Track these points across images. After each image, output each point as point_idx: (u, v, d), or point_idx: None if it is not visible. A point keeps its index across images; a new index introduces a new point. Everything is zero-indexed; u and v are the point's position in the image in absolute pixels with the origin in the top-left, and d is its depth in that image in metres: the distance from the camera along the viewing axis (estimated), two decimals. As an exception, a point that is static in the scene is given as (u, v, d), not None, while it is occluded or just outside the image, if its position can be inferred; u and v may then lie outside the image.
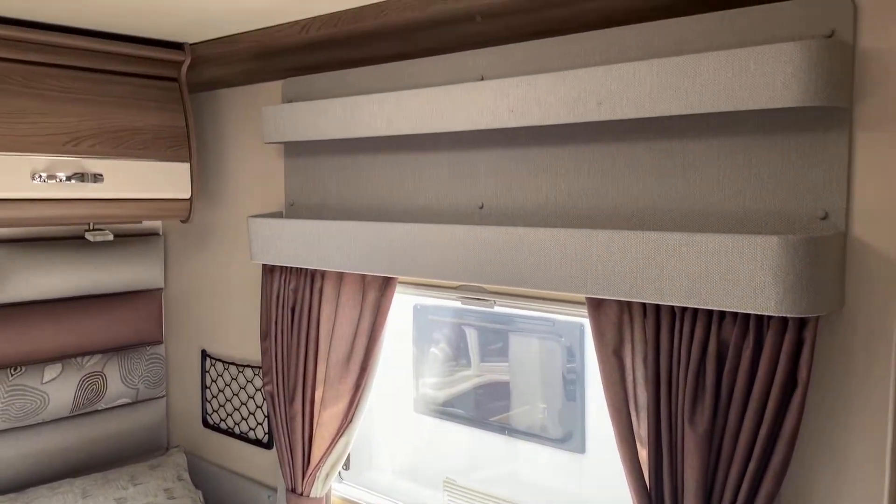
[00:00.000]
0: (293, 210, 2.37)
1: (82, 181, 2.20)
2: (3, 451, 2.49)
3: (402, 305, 2.29)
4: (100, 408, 2.73)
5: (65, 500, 2.37)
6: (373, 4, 1.92)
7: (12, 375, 2.49)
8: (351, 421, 2.16)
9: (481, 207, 1.90)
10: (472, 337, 2.25)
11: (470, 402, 2.27)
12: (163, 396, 2.95)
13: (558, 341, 2.04)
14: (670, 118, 1.55)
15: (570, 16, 1.68)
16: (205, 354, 2.80)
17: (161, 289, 2.91)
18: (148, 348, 2.87)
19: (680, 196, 1.56)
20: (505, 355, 2.20)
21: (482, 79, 1.87)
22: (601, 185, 1.68)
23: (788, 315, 1.29)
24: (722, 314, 1.42)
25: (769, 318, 1.35)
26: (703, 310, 1.43)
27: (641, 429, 1.55)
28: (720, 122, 1.50)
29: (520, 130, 1.80)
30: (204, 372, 2.81)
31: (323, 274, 2.15)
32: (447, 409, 2.30)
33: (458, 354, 2.29)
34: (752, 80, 1.34)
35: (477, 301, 2.01)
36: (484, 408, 2.24)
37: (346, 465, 2.43)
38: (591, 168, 1.69)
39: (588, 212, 1.70)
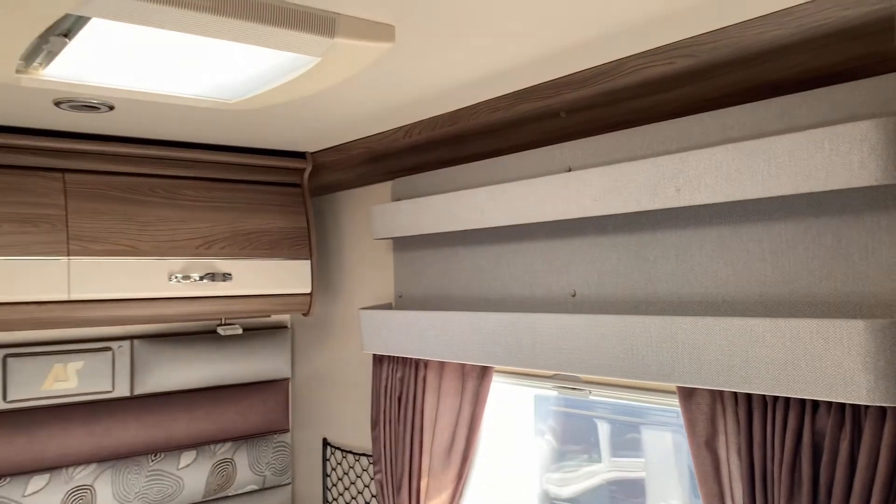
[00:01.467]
0: (401, 301, 2.48)
1: (213, 280, 2.42)
2: (143, 532, 2.68)
3: (522, 397, 2.29)
4: (230, 493, 2.89)
5: (193, 581, 2.51)
6: (466, 107, 2.04)
7: (152, 461, 2.70)
8: (455, 510, 2.17)
9: (573, 295, 1.92)
10: (602, 429, 2.20)
11: (601, 498, 2.19)
12: (288, 484, 3.07)
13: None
14: (756, 201, 1.53)
15: (647, 106, 1.72)
16: (326, 443, 2.92)
17: (288, 378, 3.08)
18: (275, 436, 3.03)
19: (769, 281, 1.51)
20: (635, 448, 2.13)
21: (570, 170, 1.92)
22: (689, 271, 1.66)
23: (882, 404, 1.21)
24: (815, 403, 1.34)
25: (866, 406, 1.27)
26: (795, 398, 1.37)
27: (740, 526, 1.47)
28: (806, 204, 1.46)
29: (608, 219, 1.83)
30: (325, 460, 2.92)
31: (426, 363, 2.21)
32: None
33: (588, 447, 2.23)
34: (828, 160, 1.31)
35: (572, 391, 2.00)
36: (614, 500, 2.16)
37: (456, 558, 2.41)
38: (679, 254, 1.68)
39: (678, 298, 1.68)
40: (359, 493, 2.72)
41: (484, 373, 2.10)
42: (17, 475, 2.44)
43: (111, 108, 1.92)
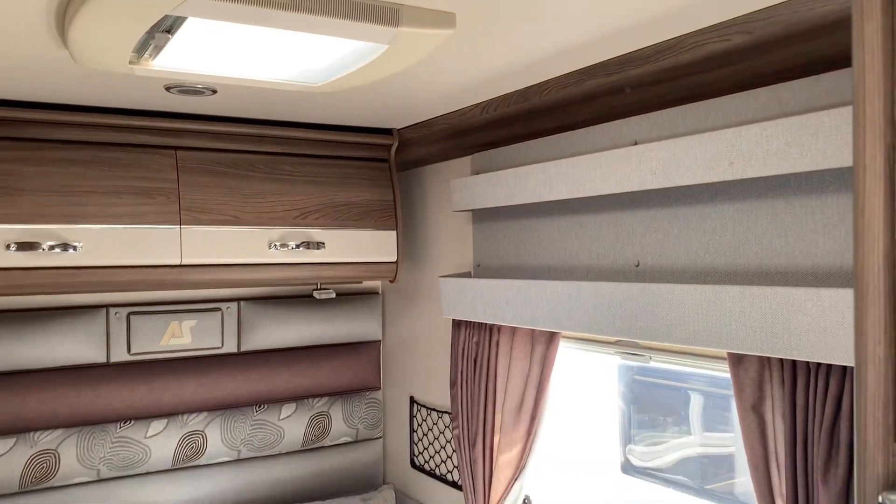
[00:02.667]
0: (479, 271, 2.62)
1: (308, 248, 2.63)
2: (248, 476, 2.97)
3: (605, 365, 2.36)
4: (325, 444, 3.14)
5: (291, 520, 2.77)
6: (536, 84, 2.14)
7: (256, 412, 2.98)
8: (524, 467, 2.30)
9: (637, 265, 1.99)
10: (695, 402, 2.25)
11: (690, 470, 2.24)
12: (380, 437, 3.30)
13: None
14: (808, 174, 1.56)
15: (708, 81, 1.76)
16: (412, 400, 3.11)
17: (379, 340, 3.30)
18: (367, 393, 3.25)
19: (821, 252, 1.55)
20: (725, 423, 2.15)
21: (636, 143, 1.99)
22: (745, 242, 1.71)
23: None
24: (855, 371, 1.38)
25: (903, 375, 1.30)
26: (836, 365, 1.41)
27: (783, 486, 1.53)
28: (856, 176, 1.48)
29: (669, 191, 1.89)
30: (412, 417, 3.12)
31: (499, 329, 2.35)
32: (659, 474, 2.29)
33: (678, 420, 2.27)
34: (873, 134, 1.33)
35: (633, 356, 2.08)
36: (702, 474, 2.20)
37: (529, 512, 2.56)
38: (736, 225, 1.73)
39: (734, 268, 1.73)
40: (441, 447, 2.90)
41: (551, 338, 2.21)
42: (140, 419, 2.77)
43: (214, 91, 2.14)
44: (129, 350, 2.74)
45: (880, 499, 0.71)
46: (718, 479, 2.17)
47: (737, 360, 1.62)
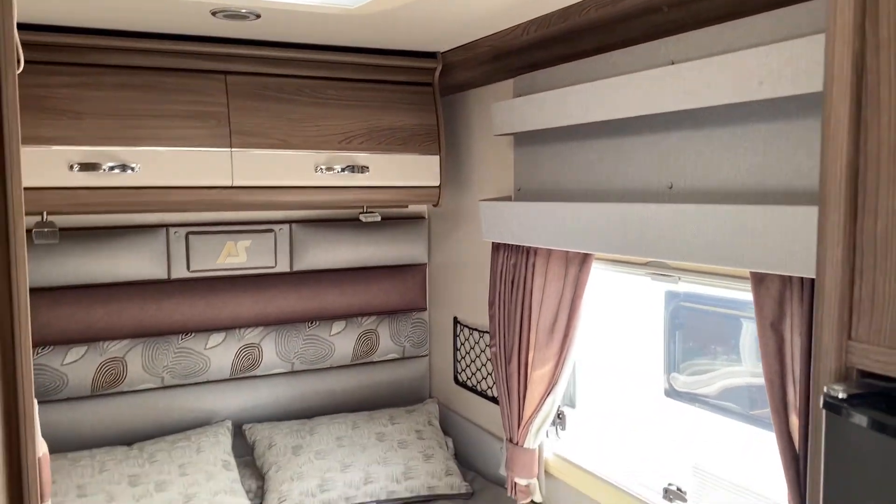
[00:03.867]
0: (520, 194, 2.66)
1: (353, 172, 2.72)
2: (302, 387, 3.16)
3: (652, 291, 2.39)
4: (373, 360, 3.29)
5: (339, 428, 2.95)
6: (575, 4, 2.13)
7: (308, 327, 3.14)
8: (556, 383, 2.39)
9: (671, 188, 2.01)
10: (747, 330, 2.27)
11: (735, 395, 2.27)
12: (426, 355, 3.44)
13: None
14: (840, 93, 1.54)
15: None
16: (456, 321, 3.22)
17: (425, 264, 3.40)
18: (413, 314, 3.38)
19: (848, 171, 1.54)
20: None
21: (672, 63, 1.98)
22: (775, 163, 1.70)
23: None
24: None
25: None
26: (853, 284, 1.42)
27: (798, 399, 1.57)
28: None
29: (702, 112, 1.88)
30: (455, 336, 3.23)
31: (536, 251, 2.40)
32: (703, 399, 2.32)
33: (728, 348, 2.29)
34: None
35: (663, 277, 2.11)
36: (749, 402, 2.22)
37: (563, 426, 2.66)
38: (766, 146, 1.73)
39: (763, 188, 1.73)
40: (482, 365, 3.02)
41: (584, 260, 2.26)
42: (200, 332, 2.96)
43: (258, 16, 2.20)
44: (188, 267, 2.91)
45: (825, 389, 0.75)
46: (766, 405, 2.17)
47: (759, 280, 1.64)
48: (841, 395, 0.71)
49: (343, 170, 2.70)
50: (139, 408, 2.87)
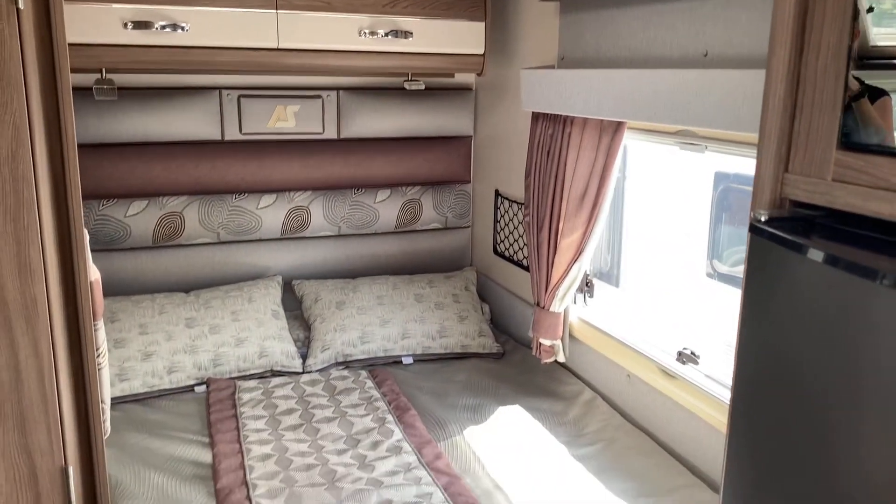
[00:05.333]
0: (563, 63, 2.65)
1: (396, 37, 2.74)
2: (348, 250, 3.32)
3: (701, 172, 2.38)
4: (416, 228, 3.42)
5: (380, 288, 3.12)
6: None
7: (354, 194, 3.27)
8: (583, 251, 2.47)
9: (705, 55, 1.98)
10: None
11: None
12: (468, 227, 3.54)
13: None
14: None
15: None
16: (497, 193, 3.29)
17: (470, 136, 3.44)
18: (457, 185, 3.46)
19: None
20: None
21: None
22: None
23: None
24: None
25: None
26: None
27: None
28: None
29: (742, -24, 1.83)
30: (496, 208, 3.32)
31: (572, 121, 2.42)
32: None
33: None
34: None
35: (691, 146, 2.12)
36: None
37: (591, 294, 2.76)
38: (802, 11, 1.68)
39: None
40: (520, 235, 3.11)
41: (617, 129, 2.27)
42: (252, 192, 3.12)
43: None
44: (240, 129, 3.04)
45: (753, 214, 0.80)
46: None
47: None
48: (763, 218, 0.76)
49: (386, 34, 2.72)
50: (196, 260, 3.09)
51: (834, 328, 0.67)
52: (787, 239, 0.70)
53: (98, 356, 1.60)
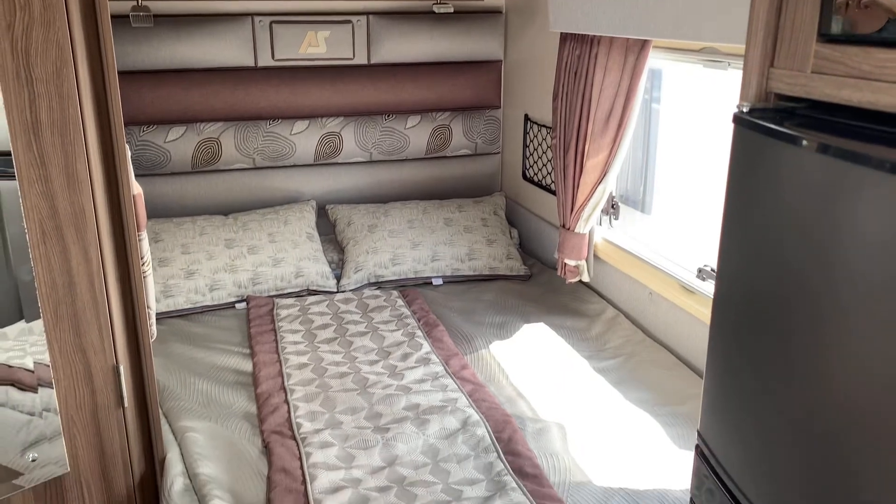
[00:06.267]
0: (590, -16, 2.63)
1: (425, -40, 2.75)
2: (379, 175, 3.40)
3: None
4: (446, 154, 3.47)
5: (411, 212, 3.20)
6: None
7: (385, 120, 3.32)
8: (608, 172, 2.51)
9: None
10: None
11: None
12: (497, 153, 3.58)
13: None
14: None
15: None
16: (527, 118, 3.32)
17: (500, 60, 3.45)
18: (487, 111, 3.49)
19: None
20: None
21: None
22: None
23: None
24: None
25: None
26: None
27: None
28: None
29: None
30: (525, 133, 3.35)
31: (598, 41, 2.43)
32: None
33: None
34: None
35: (714, 63, 2.12)
36: None
37: (616, 216, 2.80)
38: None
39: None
40: (548, 160, 3.14)
41: (642, 48, 2.28)
42: (285, 118, 3.19)
43: None
44: (272, 55, 3.10)
45: (737, 106, 0.84)
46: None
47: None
48: (744, 109, 0.80)
49: (415, -42, 2.73)
50: (233, 184, 3.20)
51: (820, 215, 0.71)
52: (768, 127, 0.74)
53: (143, 265, 1.72)
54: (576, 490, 1.78)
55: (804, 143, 0.73)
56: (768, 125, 0.74)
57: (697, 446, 0.90)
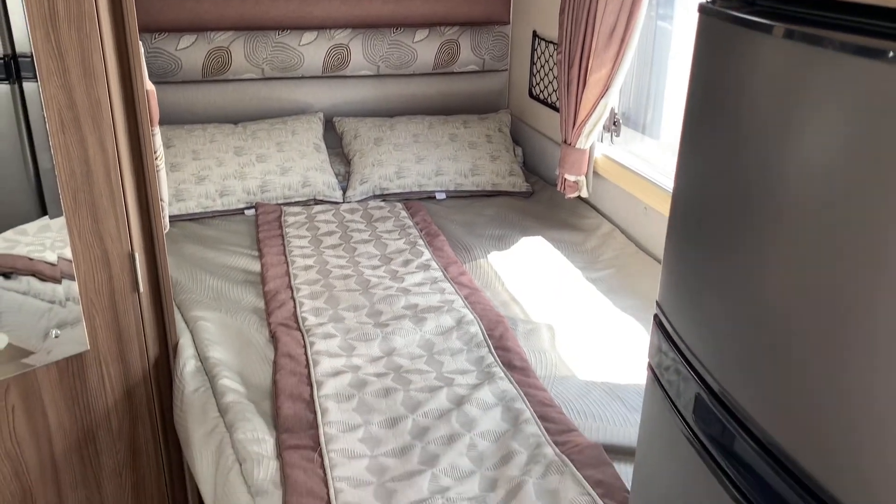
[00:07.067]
0: None
1: None
2: (385, 89, 3.44)
3: None
4: (454, 70, 3.50)
5: (417, 126, 3.26)
6: None
7: (393, 33, 3.34)
8: (609, 87, 2.55)
9: None
10: None
11: None
12: (505, 70, 3.61)
13: None
14: None
15: None
16: (535, 35, 3.33)
17: (510, -24, 3.44)
18: (495, 27, 3.50)
19: None
20: None
21: None
22: None
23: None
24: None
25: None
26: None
27: None
28: None
29: None
30: (533, 50, 3.36)
31: (606, -47, 2.44)
32: None
33: None
34: None
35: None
36: None
37: (618, 133, 2.86)
38: None
39: None
40: (555, 77, 3.17)
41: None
42: (294, 29, 3.22)
43: None
44: (281, -36, 3.10)
45: None
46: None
47: None
48: (712, -1, 0.86)
49: None
50: (243, 94, 3.25)
51: (783, 108, 0.77)
52: (736, 16, 0.80)
53: (156, 159, 1.80)
54: (559, 382, 1.91)
55: (773, 31, 0.79)
56: (737, 14, 0.80)
57: (655, 315, 0.99)
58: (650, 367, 1.03)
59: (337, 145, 3.35)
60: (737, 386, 0.79)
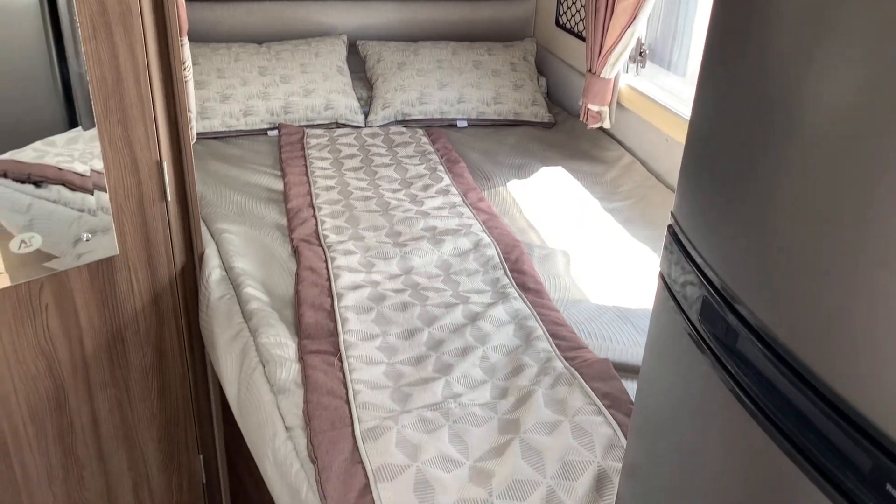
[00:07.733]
0: None
1: None
2: (410, 13, 3.40)
3: None
4: (480, -4, 3.46)
5: (441, 52, 3.24)
6: None
7: (421, -45, 3.29)
8: (637, 15, 2.52)
9: None
10: None
11: None
12: (532, -1, 3.56)
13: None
14: None
15: None
16: (564, -38, 3.27)
17: None
18: (524, -47, 3.43)
19: None
20: None
21: None
22: None
23: None
24: None
25: None
26: None
27: None
28: None
29: None
30: (561, -21, 3.31)
31: None
32: None
33: None
34: None
35: None
36: None
37: (644, 63, 2.83)
38: None
39: None
40: (582, 6, 3.13)
41: None
42: (321, -52, 3.18)
43: None
44: None
45: None
46: None
47: None
48: None
49: None
50: (268, 15, 3.24)
51: (812, 32, 0.77)
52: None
53: (184, 69, 1.83)
54: (572, 305, 1.95)
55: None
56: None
57: (669, 226, 1.02)
58: (661, 276, 1.06)
59: (360, 70, 3.34)
60: (743, 287, 0.83)
